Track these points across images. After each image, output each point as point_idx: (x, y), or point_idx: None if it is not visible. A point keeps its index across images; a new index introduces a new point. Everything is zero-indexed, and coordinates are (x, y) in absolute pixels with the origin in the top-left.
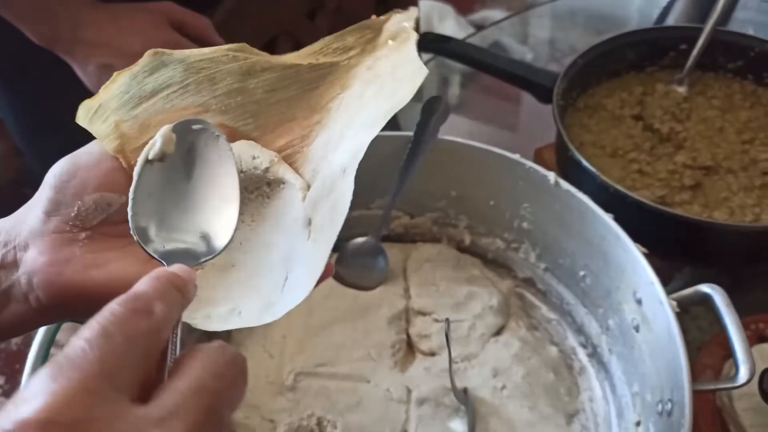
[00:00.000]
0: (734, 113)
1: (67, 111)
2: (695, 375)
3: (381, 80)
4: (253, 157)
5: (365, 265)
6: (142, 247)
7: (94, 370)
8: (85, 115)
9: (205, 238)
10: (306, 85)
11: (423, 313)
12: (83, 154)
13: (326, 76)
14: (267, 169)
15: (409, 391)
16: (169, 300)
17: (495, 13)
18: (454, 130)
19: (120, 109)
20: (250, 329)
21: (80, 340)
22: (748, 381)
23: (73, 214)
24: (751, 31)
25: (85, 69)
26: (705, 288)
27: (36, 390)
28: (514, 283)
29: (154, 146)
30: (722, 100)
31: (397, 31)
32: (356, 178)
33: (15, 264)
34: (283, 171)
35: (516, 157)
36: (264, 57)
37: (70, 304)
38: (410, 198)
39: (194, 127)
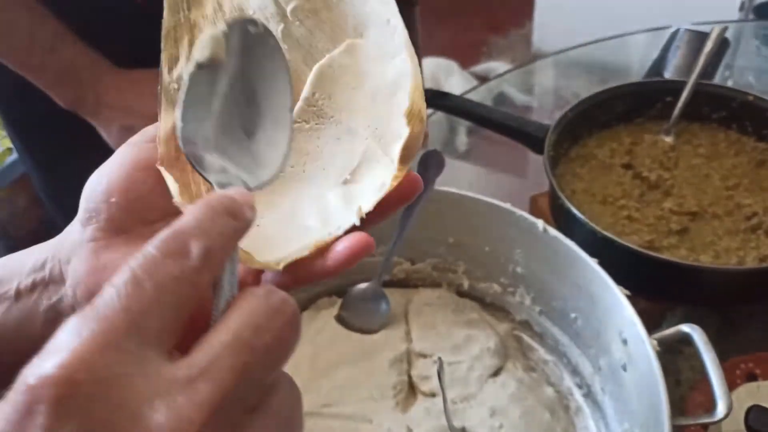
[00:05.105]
0: (719, 161)
1: (88, 168)
2: (689, 411)
3: None
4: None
5: (368, 310)
6: (194, 166)
7: (118, 322)
8: None
9: (257, 163)
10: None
11: (424, 355)
12: (108, 163)
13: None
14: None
15: (410, 431)
16: (214, 232)
17: (498, 65)
18: (463, 176)
19: None
20: None
21: (110, 287)
22: (726, 416)
23: (104, 219)
24: (751, 77)
25: (109, 131)
26: (685, 328)
27: (60, 343)
28: (512, 326)
29: (202, 49)
30: (707, 149)
31: None
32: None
33: (62, 278)
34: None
35: (507, 206)
36: None
37: None
38: (411, 245)
39: (251, 29)
